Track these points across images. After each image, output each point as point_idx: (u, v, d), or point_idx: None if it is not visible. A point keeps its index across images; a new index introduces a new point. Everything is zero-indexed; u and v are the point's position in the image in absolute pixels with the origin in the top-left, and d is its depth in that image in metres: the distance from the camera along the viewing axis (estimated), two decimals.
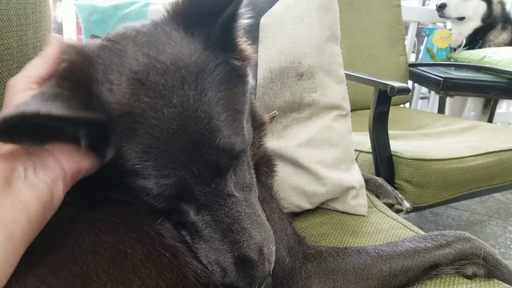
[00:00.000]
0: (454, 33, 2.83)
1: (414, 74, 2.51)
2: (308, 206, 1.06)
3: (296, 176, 1.04)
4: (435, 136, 1.87)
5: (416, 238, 0.80)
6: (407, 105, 2.80)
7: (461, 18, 2.81)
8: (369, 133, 1.48)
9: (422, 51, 2.95)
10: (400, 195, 1.24)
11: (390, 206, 1.19)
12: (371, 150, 1.50)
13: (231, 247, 0.56)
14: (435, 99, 3.27)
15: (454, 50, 2.88)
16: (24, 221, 0.45)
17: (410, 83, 2.74)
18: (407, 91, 1.44)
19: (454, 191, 1.53)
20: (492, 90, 2.21)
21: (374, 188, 1.25)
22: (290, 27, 1.03)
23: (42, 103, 0.46)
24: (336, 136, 1.05)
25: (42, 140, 0.49)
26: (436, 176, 1.45)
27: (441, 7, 2.78)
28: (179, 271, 0.55)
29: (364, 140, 1.59)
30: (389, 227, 1.00)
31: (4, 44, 0.65)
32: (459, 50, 2.82)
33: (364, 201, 1.08)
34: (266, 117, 0.83)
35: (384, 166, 1.45)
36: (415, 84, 3.05)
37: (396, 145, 1.51)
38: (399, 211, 1.20)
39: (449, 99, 3.09)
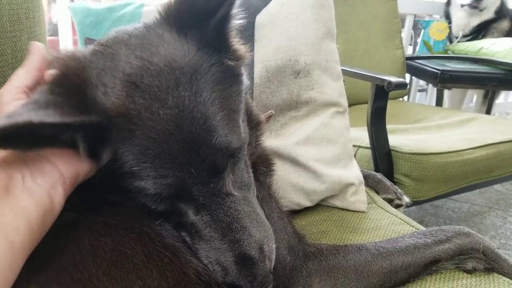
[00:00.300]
0: (460, 24, 2.81)
1: (412, 67, 2.51)
2: (307, 203, 1.06)
3: (295, 174, 1.04)
4: (433, 130, 1.87)
5: (416, 234, 0.80)
6: (405, 98, 2.79)
7: (482, 9, 2.79)
8: (367, 128, 1.48)
9: (419, 44, 2.94)
10: (399, 190, 1.24)
11: (390, 201, 1.19)
12: (369, 145, 1.50)
13: (231, 246, 0.56)
14: (433, 91, 3.26)
15: (456, 38, 2.86)
16: (24, 228, 0.45)
17: (407, 77, 2.74)
18: (404, 86, 1.44)
19: (453, 184, 1.53)
20: (489, 82, 2.21)
21: (373, 183, 1.25)
22: (285, 25, 1.03)
23: (34, 111, 0.46)
24: (334, 133, 1.06)
25: (38, 146, 0.49)
26: (435, 170, 1.45)
27: None
28: (181, 270, 0.55)
29: (362, 135, 1.59)
30: (389, 223, 1.00)
31: None
32: (456, 42, 2.82)
33: (363, 197, 1.08)
34: (262, 116, 0.83)
35: (383, 161, 1.46)
36: (412, 77, 3.06)
37: (394, 139, 1.51)
38: (398, 206, 1.21)
39: (448, 91, 3.09)
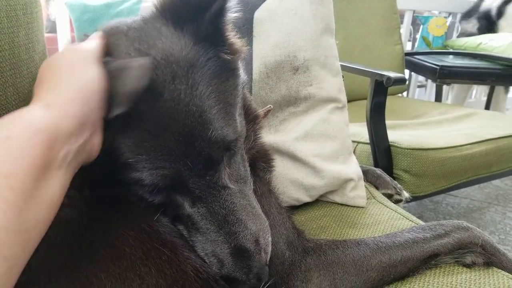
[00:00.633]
0: None
1: (411, 63, 2.51)
2: (307, 199, 1.06)
3: (294, 169, 1.04)
4: (432, 125, 1.87)
5: (415, 229, 0.81)
6: (404, 94, 2.79)
7: None
8: (366, 124, 1.48)
9: (418, 40, 2.94)
10: (399, 185, 1.25)
11: (389, 196, 1.19)
12: (369, 141, 1.50)
13: (227, 238, 0.56)
14: (433, 87, 3.26)
15: None
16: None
17: (407, 72, 2.74)
18: (403, 81, 1.44)
19: (453, 180, 1.53)
20: (488, 77, 2.21)
21: (373, 179, 1.25)
22: (284, 20, 1.03)
23: None
24: (333, 129, 1.05)
25: None
26: (434, 165, 1.45)
27: None
28: (179, 268, 0.55)
29: (362, 131, 1.59)
30: (388, 218, 1.00)
31: None
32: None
33: (362, 192, 1.08)
34: (260, 110, 0.83)
35: (382, 156, 1.45)
36: (412, 73, 3.05)
37: (394, 135, 1.51)
38: (398, 201, 1.21)
39: (453, 88, 3.09)
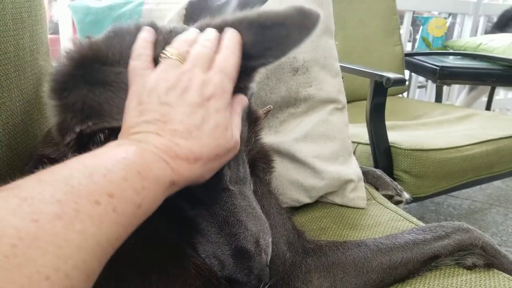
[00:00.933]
0: None
1: (411, 63, 2.51)
2: (307, 200, 1.06)
3: (294, 170, 1.04)
4: (432, 126, 1.86)
5: (415, 230, 0.80)
6: (405, 94, 2.79)
7: None
8: (366, 125, 1.48)
9: (418, 40, 2.94)
10: (399, 186, 1.24)
11: (390, 197, 1.19)
12: (369, 142, 1.50)
13: (227, 239, 0.56)
14: (433, 88, 3.26)
15: None
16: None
17: (407, 73, 2.74)
18: (403, 82, 1.44)
19: (453, 181, 1.53)
20: (488, 78, 2.21)
21: (373, 180, 1.25)
22: None
23: None
24: (333, 130, 1.05)
25: None
26: (434, 166, 1.45)
27: None
28: (180, 265, 0.55)
29: (362, 132, 1.59)
30: (388, 219, 1.00)
31: (2, 49, 0.64)
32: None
33: (362, 193, 1.08)
34: (260, 112, 0.83)
35: (383, 157, 1.45)
36: (412, 74, 3.05)
37: (394, 136, 1.50)
38: (398, 202, 1.20)
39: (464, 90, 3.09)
